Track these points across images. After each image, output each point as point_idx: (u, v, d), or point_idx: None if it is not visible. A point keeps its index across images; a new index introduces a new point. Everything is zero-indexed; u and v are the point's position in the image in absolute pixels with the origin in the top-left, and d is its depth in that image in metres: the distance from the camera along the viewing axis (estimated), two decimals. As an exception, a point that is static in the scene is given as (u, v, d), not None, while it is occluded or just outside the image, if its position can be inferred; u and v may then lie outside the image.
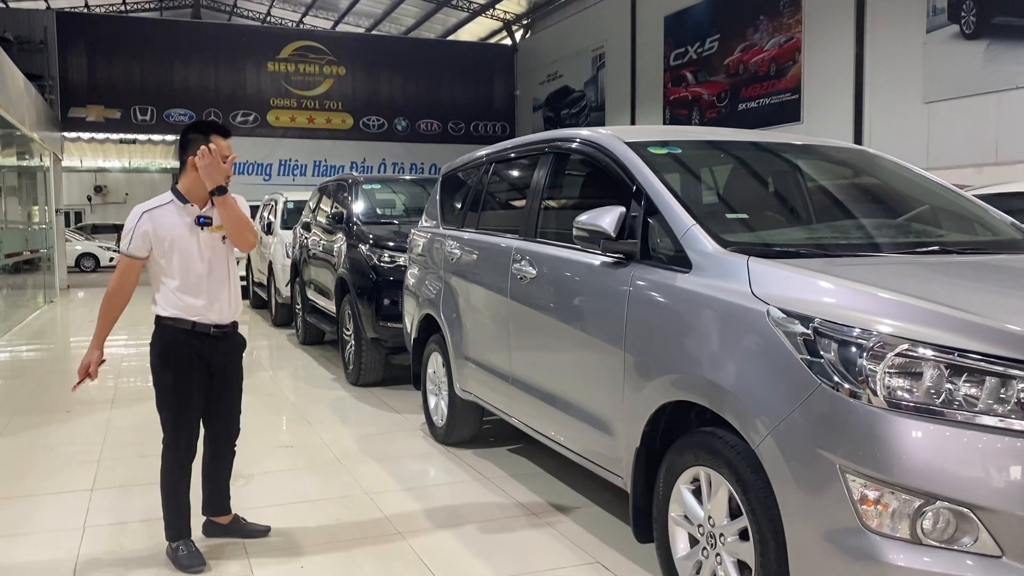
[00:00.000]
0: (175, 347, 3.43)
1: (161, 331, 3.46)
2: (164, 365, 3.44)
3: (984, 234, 3.51)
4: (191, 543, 3.51)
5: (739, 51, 13.92)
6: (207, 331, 3.46)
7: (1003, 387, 2.15)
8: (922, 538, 2.16)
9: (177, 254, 3.40)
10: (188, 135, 3.46)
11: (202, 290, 3.43)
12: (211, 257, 3.46)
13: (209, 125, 3.50)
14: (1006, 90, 9.42)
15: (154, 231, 3.38)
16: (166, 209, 3.42)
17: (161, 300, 3.45)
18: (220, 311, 3.48)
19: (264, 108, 20.21)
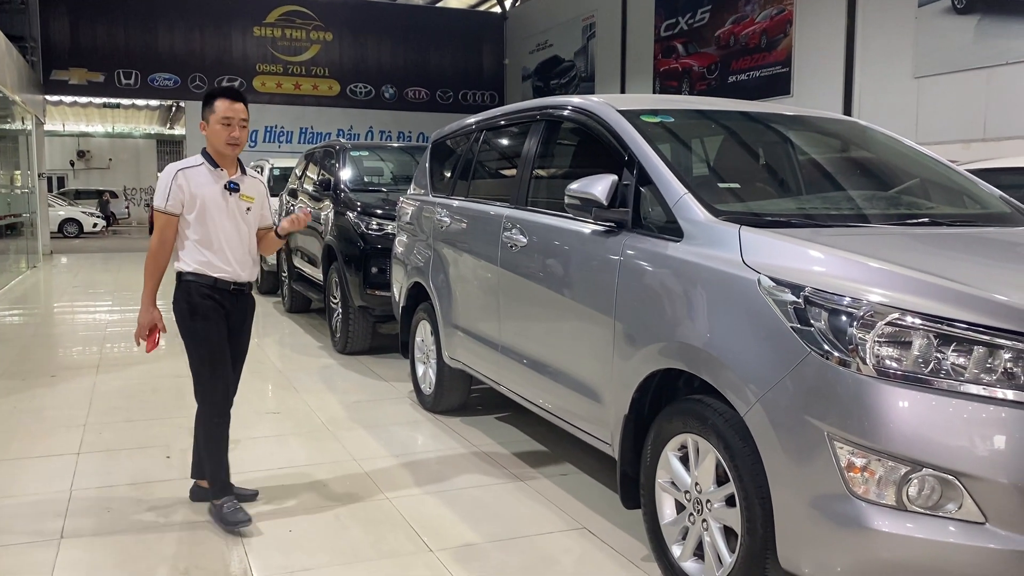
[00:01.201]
0: (201, 299, 3.52)
1: (185, 286, 3.54)
2: (193, 316, 3.52)
3: (973, 207, 3.52)
4: (234, 499, 3.57)
5: (730, 23, 13.84)
6: (227, 287, 3.56)
7: (990, 356, 2.17)
8: (907, 505, 2.19)
9: (206, 213, 3.50)
10: (204, 100, 3.60)
11: (225, 249, 3.53)
12: (238, 221, 3.58)
13: (219, 91, 3.60)
14: (996, 66, 9.42)
15: (188, 189, 3.48)
16: (198, 170, 3.53)
17: (185, 256, 3.54)
18: (240, 270, 3.59)
19: (250, 74, 19.96)
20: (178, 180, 3.48)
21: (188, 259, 3.53)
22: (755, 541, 2.49)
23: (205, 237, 3.51)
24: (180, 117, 28.20)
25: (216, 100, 3.55)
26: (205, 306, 3.52)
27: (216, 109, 3.53)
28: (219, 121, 3.52)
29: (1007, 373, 2.16)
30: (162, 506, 3.76)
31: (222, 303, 3.56)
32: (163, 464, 4.33)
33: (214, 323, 3.54)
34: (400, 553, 3.29)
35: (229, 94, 3.58)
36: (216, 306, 3.54)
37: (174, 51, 19.42)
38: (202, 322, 3.52)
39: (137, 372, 6.49)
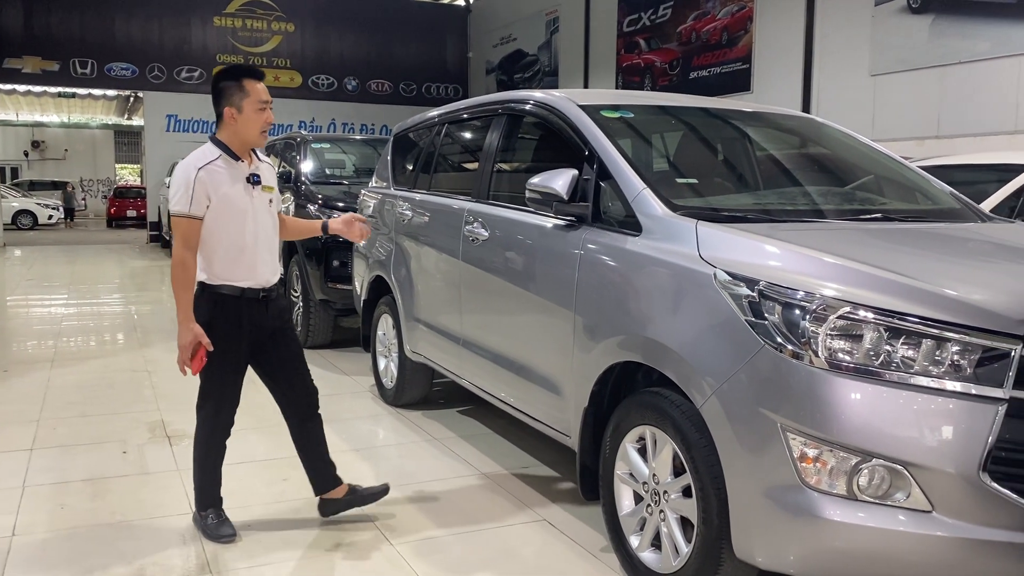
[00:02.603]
0: (224, 313, 3.19)
1: (208, 297, 3.19)
2: (211, 332, 3.14)
3: (925, 203, 3.60)
4: (221, 511, 3.38)
5: (692, 19, 13.93)
6: (256, 296, 3.24)
7: (938, 349, 2.23)
8: (858, 494, 2.24)
9: (232, 214, 3.14)
10: (221, 83, 3.20)
11: (252, 252, 3.20)
12: (262, 218, 3.25)
13: (243, 70, 3.22)
14: (949, 65, 9.61)
15: (214, 188, 3.10)
16: (217, 165, 3.13)
17: (208, 264, 3.17)
18: (267, 274, 3.27)
19: (210, 64, 19.64)
20: (200, 179, 3.07)
21: (211, 268, 3.17)
22: (711, 531, 2.53)
23: (231, 242, 3.15)
24: (138, 108, 27.67)
25: (245, 81, 3.14)
26: (227, 324, 3.18)
27: (250, 91, 3.13)
28: (256, 105, 3.13)
29: (954, 365, 2.22)
30: (118, 502, 3.71)
31: (250, 316, 3.23)
32: (119, 460, 4.27)
33: (233, 344, 3.21)
34: (360, 546, 3.29)
35: (255, 73, 3.19)
36: (241, 321, 3.21)
37: (132, 40, 19.05)
38: (220, 342, 3.16)
39: (93, 367, 6.38)
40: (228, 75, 3.20)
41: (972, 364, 2.21)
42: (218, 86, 3.21)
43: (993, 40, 9.13)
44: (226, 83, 3.18)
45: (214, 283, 3.19)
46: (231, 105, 3.15)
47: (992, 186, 5.40)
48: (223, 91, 3.18)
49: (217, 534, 3.31)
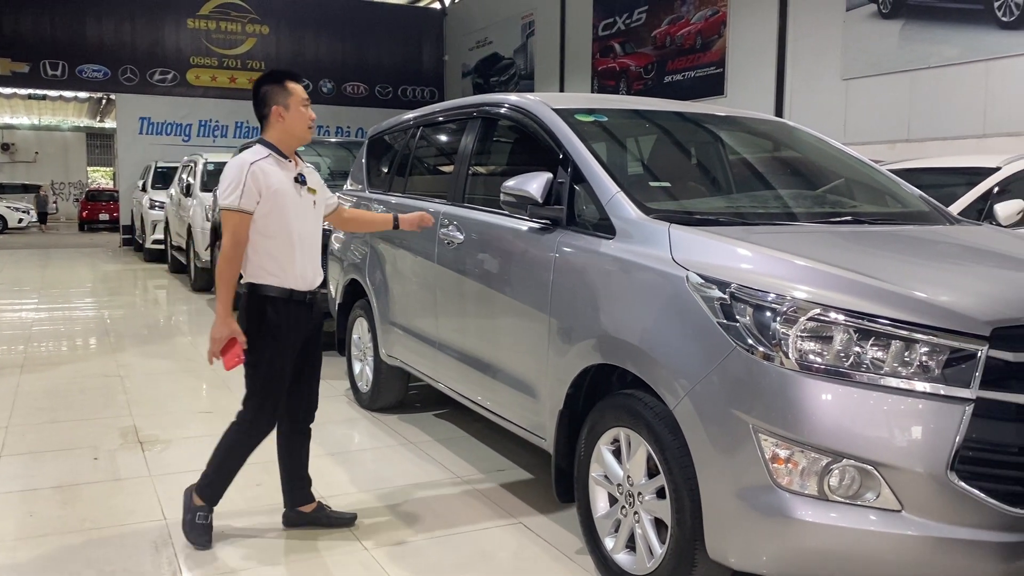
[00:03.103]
0: (275, 316, 3.17)
1: (258, 299, 3.17)
2: (262, 335, 3.15)
3: (894, 206, 3.65)
4: (211, 515, 3.32)
5: (666, 23, 14.02)
6: (303, 298, 3.23)
7: (907, 350, 2.26)
8: (829, 494, 2.26)
9: (280, 212, 3.14)
10: (264, 87, 3.25)
11: (300, 253, 3.20)
12: (308, 218, 3.26)
13: (282, 73, 3.28)
14: (919, 69, 9.74)
15: (266, 184, 3.10)
16: (268, 162, 3.15)
17: (257, 265, 3.16)
18: (312, 276, 3.27)
19: (183, 66, 19.49)
20: (253, 173, 3.07)
21: (261, 268, 3.15)
22: (684, 532, 2.54)
23: (281, 241, 3.14)
24: (111, 110, 27.39)
25: (287, 82, 3.22)
26: (277, 325, 3.16)
27: (293, 91, 3.20)
28: (301, 103, 3.20)
29: (922, 366, 2.25)
30: (88, 510, 3.66)
31: (296, 318, 3.21)
32: (90, 466, 4.22)
33: (283, 345, 3.19)
34: (334, 551, 3.27)
35: (294, 75, 3.28)
36: (290, 323, 3.20)
37: (103, 42, 18.85)
38: (271, 343, 3.16)
39: (64, 372, 6.31)
40: (269, 79, 3.27)
41: (940, 365, 2.24)
42: (261, 90, 3.26)
43: (961, 45, 9.27)
44: (269, 86, 3.25)
45: (263, 283, 3.18)
46: (278, 104, 3.20)
47: (961, 189, 5.49)
48: (268, 94, 3.23)
49: (195, 536, 3.28)
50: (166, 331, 8.33)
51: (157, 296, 11.28)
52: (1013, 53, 8.74)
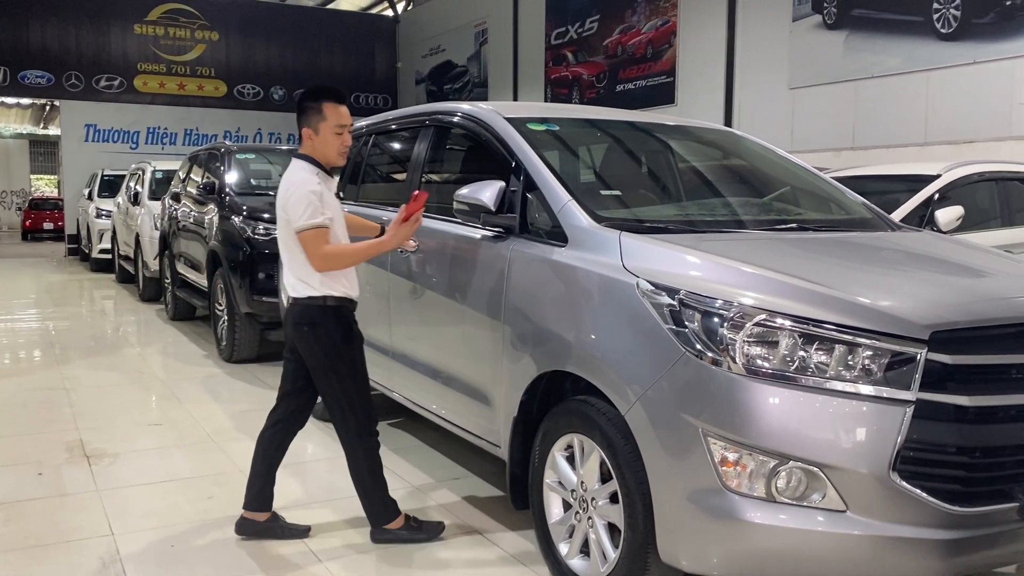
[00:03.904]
0: (351, 325, 3.30)
1: (334, 312, 3.24)
2: (349, 343, 3.28)
3: (838, 213, 3.73)
4: (411, 518, 3.44)
5: (618, 33, 14.17)
6: (354, 307, 3.37)
7: (850, 354, 2.32)
8: (776, 496, 2.31)
9: (336, 226, 3.24)
10: (303, 103, 3.28)
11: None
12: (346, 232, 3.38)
13: (326, 92, 3.27)
14: (863, 79, 9.98)
15: (325, 202, 3.18)
16: (320, 179, 3.22)
17: (333, 279, 3.23)
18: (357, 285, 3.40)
19: (131, 73, 19.15)
20: (319, 193, 3.15)
21: (334, 280, 3.23)
22: (637, 536, 2.57)
23: None
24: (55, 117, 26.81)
25: (324, 104, 3.21)
26: (351, 334, 3.30)
27: (328, 116, 3.21)
28: (333, 130, 3.22)
29: (865, 369, 2.31)
30: (32, 526, 3.58)
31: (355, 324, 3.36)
32: (35, 482, 4.12)
33: (357, 351, 3.33)
34: (288, 565, 3.24)
35: (335, 96, 3.26)
36: (357, 331, 3.35)
37: (47, 47, 18.43)
38: (357, 348, 3.31)
39: (5, 386, 6.15)
40: (310, 96, 3.28)
41: (881, 368, 2.30)
42: (300, 106, 3.29)
43: (903, 56, 9.53)
44: (307, 104, 3.26)
45: (340, 295, 3.26)
46: (308, 126, 3.24)
47: (903, 196, 5.64)
48: (303, 111, 3.27)
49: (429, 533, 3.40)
50: (114, 342, 8.17)
51: (104, 306, 11.05)
52: (952, 64, 9.01)
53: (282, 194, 3.22)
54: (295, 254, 3.22)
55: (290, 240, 3.22)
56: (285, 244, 3.28)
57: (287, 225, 3.20)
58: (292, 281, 3.28)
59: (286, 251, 3.28)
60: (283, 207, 3.21)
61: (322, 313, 3.24)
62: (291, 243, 3.22)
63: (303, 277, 3.23)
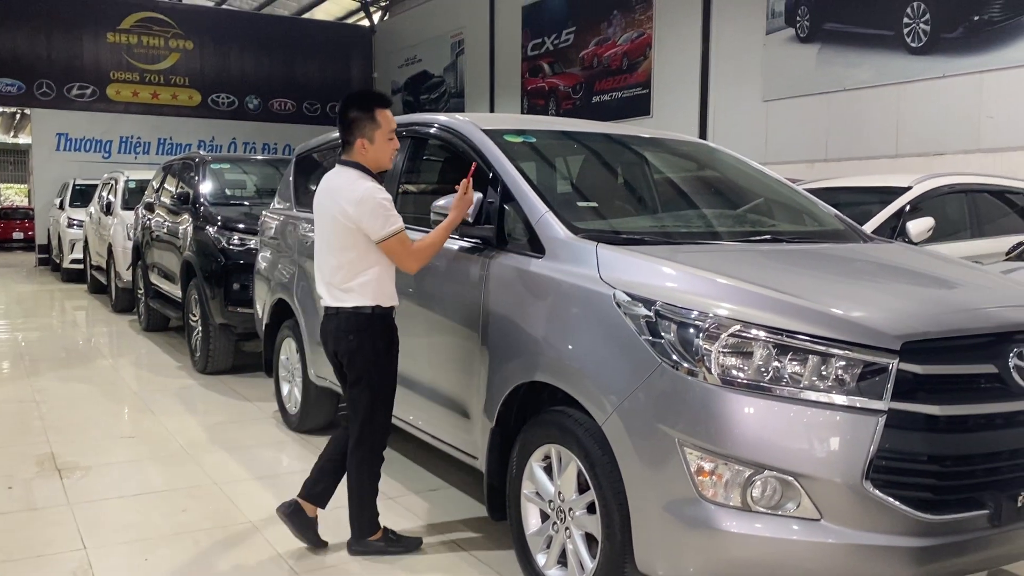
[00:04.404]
0: (394, 333, 3.33)
1: (381, 320, 3.26)
2: (389, 353, 3.32)
3: (812, 224, 3.78)
4: (389, 531, 3.43)
5: (594, 44, 14.26)
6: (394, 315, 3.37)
7: (823, 365, 2.35)
8: (752, 505, 2.33)
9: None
10: (352, 114, 3.24)
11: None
12: None
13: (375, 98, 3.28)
14: (835, 91, 10.12)
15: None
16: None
17: (380, 287, 3.23)
18: None
19: (103, 81, 18.98)
20: (389, 197, 3.17)
21: (382, 291, 3.24)
22: (614, 546, 2.58)
23: (390, 264, 3.26)
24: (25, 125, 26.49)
25: (377, 112, 3.21)
26: (394, 342, 3.33)
27: (382, 123, 3.22)
28: (387, 136, 3.24)
29: (838, 380, 2.34)
30: (2, 540, 3.52)
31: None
32: (4, 496, 4.06)
33: (396, 358, 3.37)
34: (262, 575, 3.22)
35: (384, 101, 3.28)
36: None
37: (18, 55, 18.22)
38: (395, 359, 3.34)
39: (-25, 398, 6.05)
40: (359, 105, 3.24)
41: (854, 378, 2.33)
42: (348, 116, 3.25)
43: (874, 69, 9.68)
44: (358, 114, 3.23)
45: (387, 305, 3.27)
46: (363, 136, 3.22)
47: (875, 207, 5.72)
48: (354, 122, 3.23)
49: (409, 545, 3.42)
50: (85, 353, 8.07)
51: (76, 317, 10.92)
52: (922, 77, 9.16)
53: (347, 203, 3.14)
54: (346, 261, 3.20)
55: (351, 247, 3.17)
56: (333, 249, 3.23)
57: (350, 234, 3.16)
58: (334, 289, 3.26)
59: (332, 256, 3.24)
60: (349, 217, 3.14)
61: (369, 321, 3.24)
62: (350, 249, 3.18)
63: (350, 285, 3.21)
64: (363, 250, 3.18)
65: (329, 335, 3.33)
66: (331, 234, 3.24)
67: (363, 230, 3.14)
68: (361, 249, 3.18)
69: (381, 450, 3.39)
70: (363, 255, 3.19)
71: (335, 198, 3.21)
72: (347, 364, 3.30)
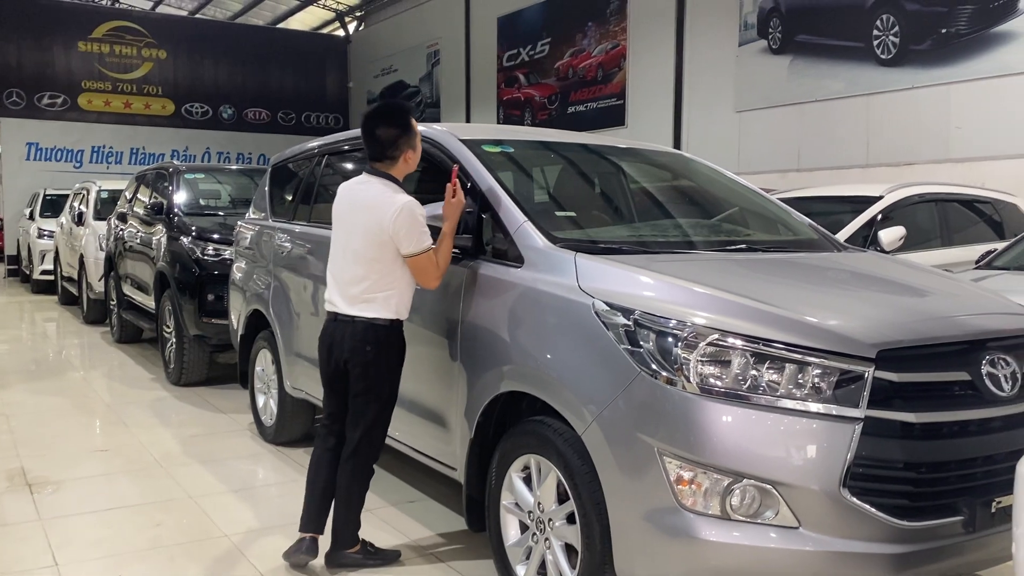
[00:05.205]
0: (405, 344, 3.32)
1: (397, 334, 3.27)
2: (400, 364, 3.31)
3: (786, 234, 3.81)
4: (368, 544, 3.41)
5: (569, 55, 14.35)
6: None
7: (800, 373, 2.36)
8: (731, 514, 2.34)
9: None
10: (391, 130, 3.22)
11: None
12: None
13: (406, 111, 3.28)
14: (807, 102, 10.25)
15: None
16: None
17: (402, 301, 3.23)
18: None
19: (75, 91, 18.80)
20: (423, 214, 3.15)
21: (403, 304, 3.24)
22: (594, 556, 2.58)
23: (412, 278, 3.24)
24: (-6, 134, 26.11)
25: (412, 121, 3.25)
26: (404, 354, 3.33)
27: (417, 132, 3.28)
28: (419, 147, 3.30)
29: (815, 388, 2.36)
30: (-28, 557, 3.46)
31: None
32: (-27, 511, 3.99)
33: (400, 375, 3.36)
34: (240, 591, 3.18)
35: (412, 111, 3.34)
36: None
37: (-13, 63, 18.03)
38: (399, 374, 3.33)
39: (-58, 412, 5.94)
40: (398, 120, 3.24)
41: (831, 386, 2.35)
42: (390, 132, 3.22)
43: (845, 80, 9.81)
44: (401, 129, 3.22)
45: (403, 319, 3.27)
46: (411, 148, 3.25)
47: (847, 216, 5.79)
48: (400, 136, 3.22)
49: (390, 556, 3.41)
50: (57, 366, 7.96)
51: (46, 329, 10.77)
52: (892, 88, 9.30)
53: (386, 215, 3.12)
54: (374, 272, 3.18)
55: (380, 259, 3.16)
56: (360, 259, 3.20)
57: (383, 246, 3.14)
58: (354, 298, 3.22)
59: (358, 266, 3.21)
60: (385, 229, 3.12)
61: (387, 334, 3.23)
62: (379, 261, 3.17)
63: (374, 296, 3.19)
64: (390, 263, 3.17)
65: (342, 343, 3.26)
66: (361, 244, 3.20)
67: (396, 243, 3.13)
68: (388, 262, 3.17)
69: (375, 461, 3.37)
70: (390, 268, 3.18)
71: (369, 209, 3.18)
72: (359, 374, 3.24)
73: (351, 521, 3.35)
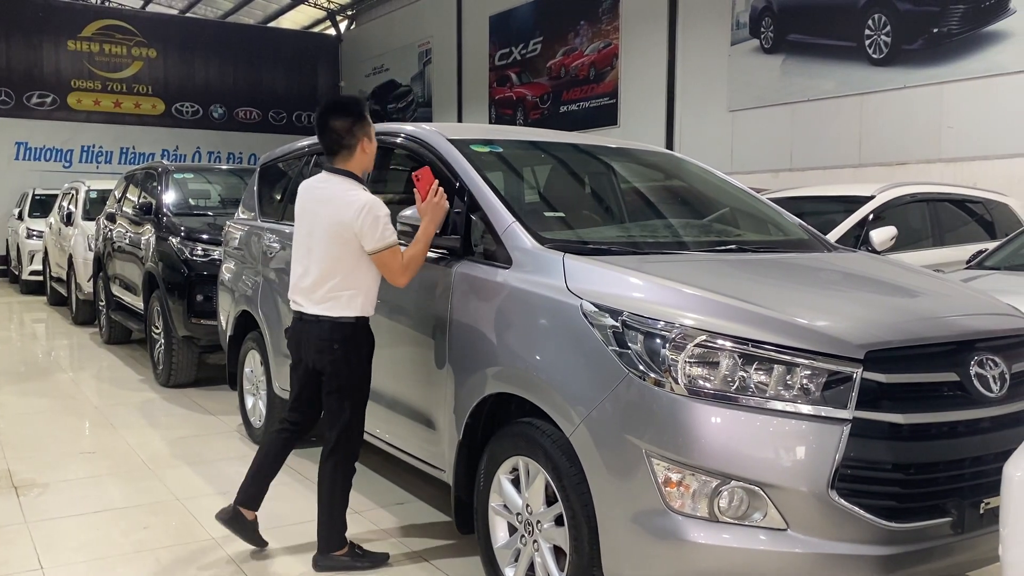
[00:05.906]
0: (373, 341, 3.34)
1: (364, 331, 3.28)
2: (370, 360, 3.33)
3: (776, 234, 3.81)
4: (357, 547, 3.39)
5: (561, 54, 14.33)
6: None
7: (788, 374, 2.35)
8: (719, 516, 2.32)
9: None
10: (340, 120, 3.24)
11: None
12: None
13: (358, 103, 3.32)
14: (799, 102, 10.25)
15: None
16: None
17: (367, 299, 3.25)
18: None
19: (64, 90, 18.70)
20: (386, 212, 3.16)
21: (368, 301, 3.26)
22: (582, 559, 2.56)
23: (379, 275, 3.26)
24: (-17, 134, 25.97)
25: (365, 111, 3.29)
26: (373, 348, 3.35)
27: (370, 121, 3.28)
28: (374, 138, 3.31)
29: (803, 389, 2.35)
30: (-44, 561, 3.42)
31: None
32: (-42, 514, 3.95)
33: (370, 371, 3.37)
34: (227, 595, 3.16)
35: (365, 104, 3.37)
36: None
37: (-25, 62, 17.92)
38: (369, 370, 3.34)
39: (-71, 413, 5.89)
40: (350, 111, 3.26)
41: (819, 387, 2.34)
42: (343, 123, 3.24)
43: (837, 80, 9.82)
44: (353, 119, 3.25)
45: (368, 315, 3.28)
46: (365, 136, 3.26)
47: (839, 216, 5.79)
48: (353, 126, 3.24)
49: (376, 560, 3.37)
50: (45, 367, 7.91)
51: (35, 330, 10.71)
52: (884, 88, 9.31)
53: (347, 212, 3.13)
54: (338, 270, 3.18)
55: (344, 256, 3.17)
56: (324, 257, 3.21)
57: (345, 243, 3.15)
58: (318, 297, 3.23)
59: (322, 264, 3.21)
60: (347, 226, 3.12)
61: (354, 331, 3.24)
62: (343, 259, 3.17)
63: (339, 295, 3.20)
64: (355, 260, 3.17)
65: (308, 343, 3.27)
66: (323, 243, 3.21)
67: (359, 240, 3.13)
68: (353, 259, 3.17)
69: (355, 458, 3.37)
70: (355, 265, 3.18)
71: (332, 207, 3.19)
72: (330, 373, 3.26)
73: (335, 521, 3.33)
